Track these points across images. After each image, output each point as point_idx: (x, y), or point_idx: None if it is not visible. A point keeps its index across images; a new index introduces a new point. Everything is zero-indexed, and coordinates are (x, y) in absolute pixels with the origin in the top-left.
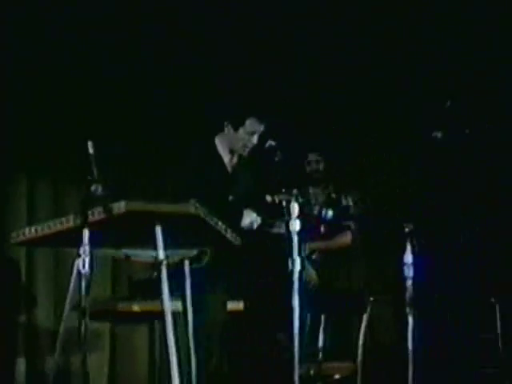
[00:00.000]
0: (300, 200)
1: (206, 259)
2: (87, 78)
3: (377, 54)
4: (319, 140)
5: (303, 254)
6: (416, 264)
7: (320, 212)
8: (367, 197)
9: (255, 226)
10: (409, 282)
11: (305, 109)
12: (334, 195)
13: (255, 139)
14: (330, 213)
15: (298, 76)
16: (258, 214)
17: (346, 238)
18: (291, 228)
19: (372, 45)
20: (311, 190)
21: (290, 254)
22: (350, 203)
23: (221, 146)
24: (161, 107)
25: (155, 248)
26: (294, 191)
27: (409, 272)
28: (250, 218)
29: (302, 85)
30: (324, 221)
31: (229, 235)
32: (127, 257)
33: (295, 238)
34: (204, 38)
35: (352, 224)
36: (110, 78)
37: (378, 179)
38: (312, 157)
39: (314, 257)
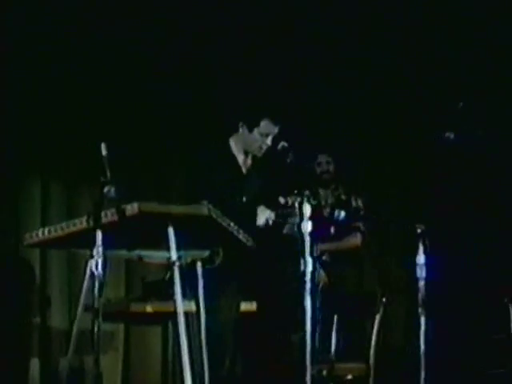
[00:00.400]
0: (312, 201)
1: (218, 260)
2: (100, 80)
3: (389, 54)
4: (329, 141)
5: (315, 255)
6: (428, 264)
7: (331, 213)
8: (377, 198)
9: (271, 222)
10: (421, 283)
11: (315, 110)
12: (343, 197)
13: (270, 141)
14: (343, 214)
15: (309, 78)
16: (272, 211)
17: (356, 240)
18: (303, 229)
19: (384, 46)
20: (321, 192)
21: (302, 255)
22: (360, 205)
23: (235, 146)
24: (175, 108)
25: (168, 249)
26: (306, 192)
27: (421, 273)
28: (265, 216)
29: (312, 87)
30: (335, 222)
31: (241, 236)
32: (140, 258)
33: (307, 239)
34: (219, 39)
35: (362, 225)
36: (123, 79)
37: (388, 180)
38: (322, 158)
39: (324, 258)
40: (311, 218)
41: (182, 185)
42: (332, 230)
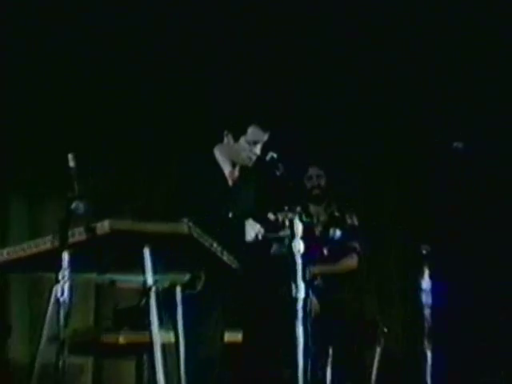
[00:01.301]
0: (304, 219)
1: (200, 285)
2: (67, 84)
3: (387, 57)
4: (320, 152)
5: (307, 279)
6: (434, 290)
7: (324, 232)
8: (375, 215)
9: (260, 237)
10: (427, 311)
11: (305, 117)
12: (337, 214)
13: (259, 149)
14: (339, 233)
15: (299, 82)
16: (261, 226)
17: (353, 262)
18: (295, 249)
19: (380, 49)
20: (312, 208)
21: (293, 279)
22: (356, 222)
23: (221, 157)
24: (153, 115)
25: (143, 272)
26: (298, 209)
27: (427, 299)
28: (254, 230)
29: (303, 91)
30: (329, 242)
31: (226, 258)
32: (112, 282)
33: (299, 261)
34: (202, 41)
35: (358, 245)
36: (93, 82)
37: (387, 194)
38: (313, 171)
39: (316, 282)
40: (303, 237)
41: (160, 200)
42: (325, 250)
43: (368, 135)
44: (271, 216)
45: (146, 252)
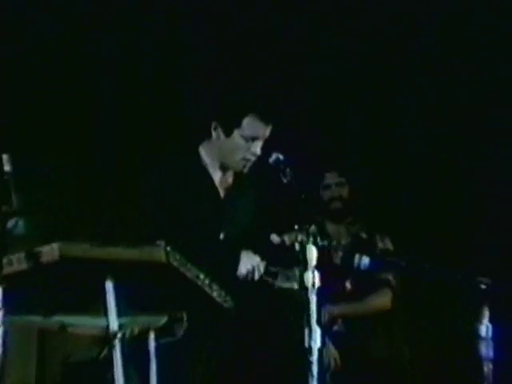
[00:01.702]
0: (320, 242)
1: (181, 330)
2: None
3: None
4: (341, 154)
5: (323, 323)
6: (497, 338)
7: (346, 260)
8: (415, 237)
9: (257, 276)
10: (487, 365)
11: (321, 107)
12: (364, 235)
13: (258, 148)
14: (367, 261)
15: (313, 61)
16: (262, 259)
17: (384, 299)
18: (307, 283)
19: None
20: (330, 227)
21: (306, 323)
22: (390, 247)
23: (208, 159)
24: (117, 103)
25: (105, 314)
26: (312, 228)
27: (487, 351)
28: (251, 264)
29: (317, 74)
30: (353, 273)
31: (215, 294)
32: (62, 327)
33: (313, 299)
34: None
35: (392, 278)
36: (42, 71)
37: (431, 210)
38: (331, 178)
39: (335, 328)
40: (318, 266)
41: (129, 217)
42: (348, 284)
43: (408, 130)
44: (276, 238)
45: (109, 286)
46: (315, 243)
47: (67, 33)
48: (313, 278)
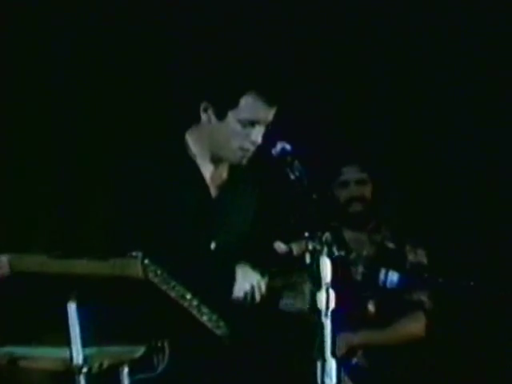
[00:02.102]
0: (336, 253)
1: (161, 363)
2: None
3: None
4: (362, 143)
5: (340, 355)
6: None
7: (369, 276)
8: (454, 247)
9: (258, 297)
10: None
11: (338, 85)
12: (391, 245)
13: (258, 136)
14: (394, 278)
15: (327, 29)
16: (263, 276)
17: (417, 326)
18: (320, 304)
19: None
20: (350, 235)
21: (318, 355)
22: (423, 260)
23: (196, 148)
24: (82, 79)
25: (67, 343)
26: (326, 236)
27: None
28: (250, 282)
29: (333, 42)
30: (378, 292)
31: (205, 318)
32: (13, 360)
33: (328, 324)
34: None
35: (426, 299)
36: None
37: (472, 213)
38: (350, 173)
39: (354, 360)
40: (334, 283)
41: (96, 222)
42: (370, 306)
43: (451, 114)
44: (281, 247)
45: (72, 308)
46: (330, 254)
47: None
48: (327, 298)
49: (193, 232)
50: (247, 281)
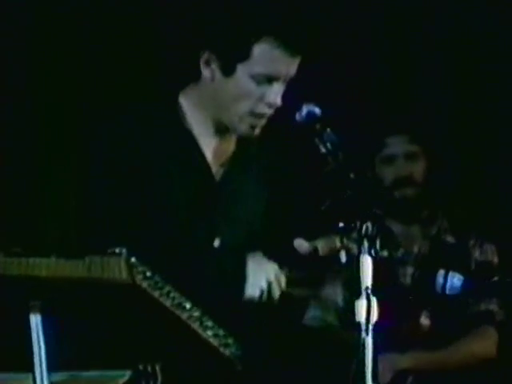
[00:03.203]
0: (380, 251)
1: None
2: None
3: None
4: (412, 108)
5: (384, 382)
6: None
7: (422, 279)
8: None
9: (277, 294)
10: None
11: (384, 32)
12: (450, 239)
13: (277, 96)
14: (457, 282)
15: None
16: (282, 268)
17: (486, 344)
18: (359, 316)
19: None
20: (396, 228)
21: (356, 380)
22: (493, 259)
23: (194, 115)
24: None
25: (29, 367)
26: (368, 228)
27: None
28: (266, 277)
29: None
30: (434, 299)
31: (209, 334)
32: None
33: (368, 342)
34: None
35: (497, 309)
36: None
37: None
38: (397, 146)
39: None
40: (377, 288)
41: (68, 210)
42: (424, 318)
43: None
44: (303, 245)
45: (36, 322)
46: (371, 252)
47: None
48: (368, 309)
49: (191, 225)
50: (262, 275)
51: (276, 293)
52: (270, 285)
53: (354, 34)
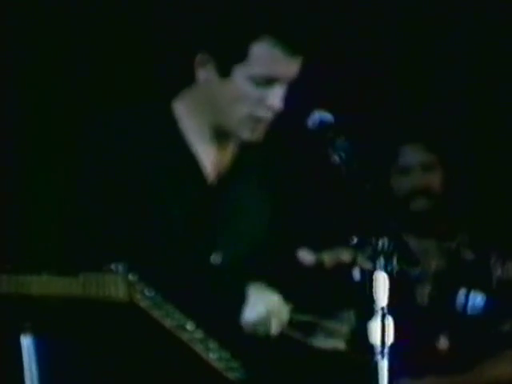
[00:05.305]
0: (396, 267)
1: None
2: None
3: None
4: (429, 115)
5: None
6: None
7: (441, 297)
8: None
9: (274, 328)
10: None
11: (399, 34)
12: (470, 255)
13: (277, 98)
14: (480, 301)
15: None
16: (286, 298)
17: (510, 368)
18: (373, 338)
19: None
20: (412, 243)
21: None
22: None
23: (190, 120)
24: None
25: None
26: (382, 244)
27: None
28: (265, 306)
29: None
30: (454, 320)
31: (213, 357)
32: None
33: (383, 366)
34: None
35: None
36: None
37: None
38: (413, 156)
39: None
40: (392, 308)
41: (60, 224)
42: (443, 340)
43: None
44: (307, 257)
45: (27, 344)
46: (387, 269)
47: None
48: (382, 330)
49: (188, 240)
50: (261, 303)
51: (274, 326)
52: (269, 316)
53: (367, 39)
